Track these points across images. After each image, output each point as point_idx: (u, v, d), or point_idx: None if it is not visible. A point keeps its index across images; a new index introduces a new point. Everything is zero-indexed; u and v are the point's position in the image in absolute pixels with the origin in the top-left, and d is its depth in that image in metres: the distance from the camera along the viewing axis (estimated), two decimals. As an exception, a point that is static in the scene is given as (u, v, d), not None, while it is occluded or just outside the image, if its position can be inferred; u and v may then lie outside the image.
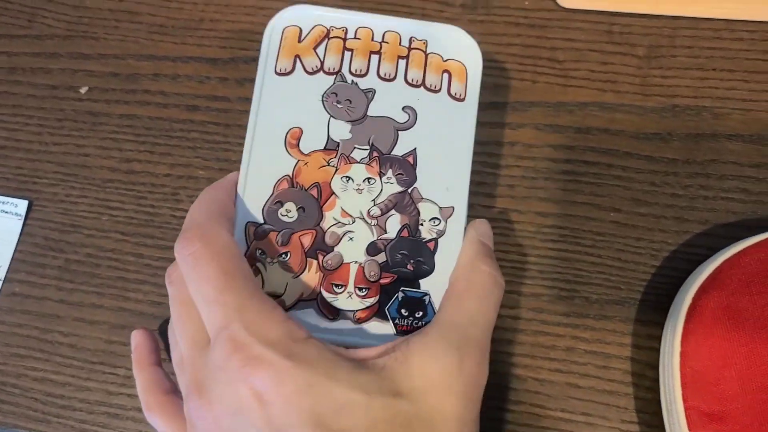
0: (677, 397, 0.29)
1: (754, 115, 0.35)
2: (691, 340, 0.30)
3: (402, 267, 0.27)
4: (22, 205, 0.35)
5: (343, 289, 0.26)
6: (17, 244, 0.35)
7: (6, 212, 0.35)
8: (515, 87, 0.36)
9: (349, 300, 0.26)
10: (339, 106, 0.28)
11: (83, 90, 0.38)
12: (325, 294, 0.26)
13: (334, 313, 0.26)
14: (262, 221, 0.27)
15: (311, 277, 0.26)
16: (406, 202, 0.27)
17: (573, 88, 0.37)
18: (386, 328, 0.26)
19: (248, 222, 0.27)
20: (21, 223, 0.35)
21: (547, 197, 0.35)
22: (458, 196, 0.27)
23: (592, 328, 0.33)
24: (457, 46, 0.29)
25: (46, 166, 0.36)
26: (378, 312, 0.26)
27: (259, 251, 0.26)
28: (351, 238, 0.27)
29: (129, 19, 0.39)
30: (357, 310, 0.26)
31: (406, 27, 0.29)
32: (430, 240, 0.27)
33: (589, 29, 0.38)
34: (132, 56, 0.38)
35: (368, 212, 0.27)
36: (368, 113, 0.28)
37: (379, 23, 0.29)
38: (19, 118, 0.37)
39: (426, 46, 0.29)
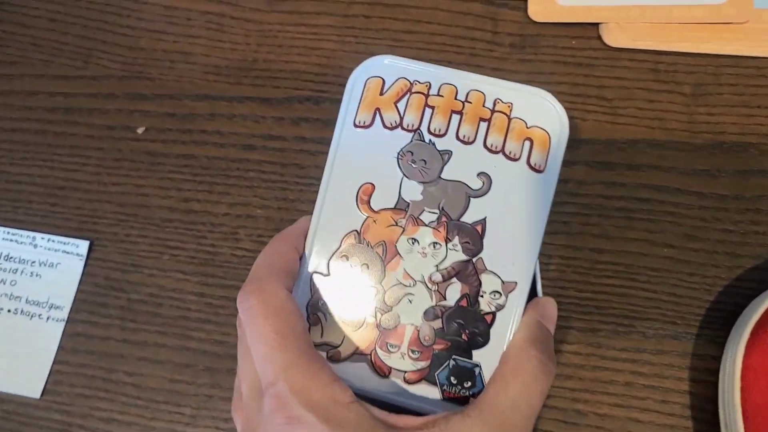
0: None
1: (799, 152, 0.36)
2: (750, 375, 0.31)
3: (457, 336, 0.27)
4: (83, 245, 0.36)
5: (396, 349, 0.27)
6: (79, 284, 0.35)
7: (68, 253, 0.35)
8: (565, 125, 0.37)
9: (401, 360, 0.27)
10: (414, 165, 0.27)
11: (140, 130, 0.38)
12: (379, 351, 0.27)
13: (386, 371, 0.27)
14: (327, 273, 0.27)
15: (368, 333, 0.27)
16: (468, 272, 0.27)
17: (622, 126, 0.37)
18: (434, 392, 0.26)
19: (314, 272, 0.27)
20: (83, 263, 0.35)
21: (601, 233, 0.35)
22: (523, 272, 0.27)
23: (650, 362, 0.33)
24: (544, 112, 0.28)
25: (106, 206, 0.37)
26: (428, 376, 0.26)
27: (322, 302, 0.27)
28: (410, 301, 0.27)
29: (183, 59, 0.40)
30: (408, 371, 0.26)
31: (493, 87, 0.28)
32: (488, 313, 0.27)
33: (635, 68, 0.39)
34: (188, 96, 0.39)
35: (430, 277, 0.27)
36: (442, 176, 0.27)
37: (466, 81, 0.28)
38: (77, 158, 0.38)
39: (510, 110, 0.28)
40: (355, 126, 0.28)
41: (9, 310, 0.34)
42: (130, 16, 0.41)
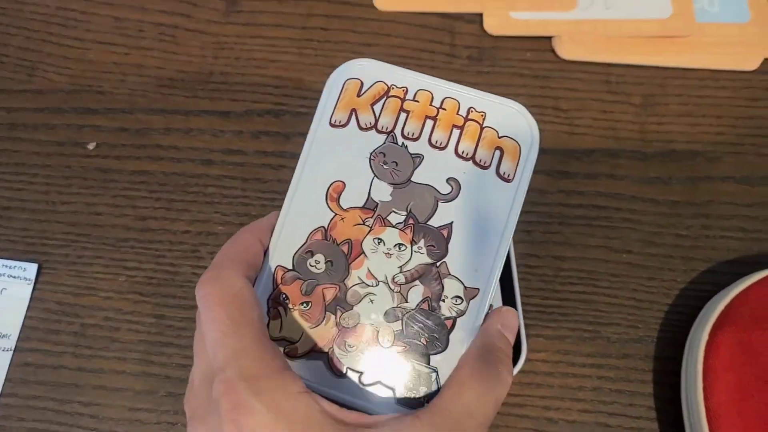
0: (705, 431, 0.31)
1: (743, 158, 0.38)
2: (710, 376, 0.32)
3: (415, 339, 0.27)
4: (30, 268, 0.34)
5: (354, 348, 0.26)
6: (27, 310, 0.33)
7: (14, 277, 0.33)
8: (524, 135, 0.38)
9: (358, 360, 0.26)
10: (385, 167, 0.28)
11: (91, 146, 0.36)
12: (337, 350, 0.26)
13: (342, 371, 0.26)
14: (291, 267, 0.27)
15: (327, 330, 0.26)
16: (432, 275, 0.27)
17: (578, 136, 0.38)
18: (388, 394, 0.26)
19: (278, 266, 0.27)
20: (31, 287, 0.33)
21: (563, 241, 0.36)
22: (486, 280, 0.27)
23: (616, 367, 0.34)
24: (516, 124, 0.28)
25: (55, 226, 0.35)
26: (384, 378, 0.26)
27: (283, 296, 0.27)
28: (372, 301, 0.27)
29: (136, 72, 0.38)
30: (364, 372, 0.26)
31: (468, 96, 0.28)
32: (449, 318, 0.27)
33: (588, 79, 0.40)
34: (141, 110, 0.37)
35: (393, 278, 0.27)
36: (412, 179, 0.28)
37: (442, 88, 0.29)
38: (23, 176, 0.36)
39: (483, 119, 0.28)
40: (331, 125, 0.28)
41: (-51, 341, 0.32)
42: (77, 28, 0.39)
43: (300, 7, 0.41)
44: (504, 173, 0.28)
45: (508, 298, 0.33)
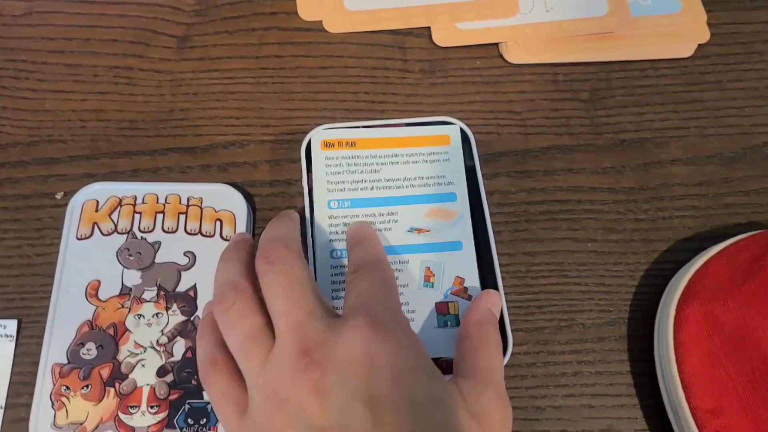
0: (682, 401, 0.33)
1: (688, 141, 0.41)
2: (681, 349, 0.34)
3: (187, 383, 0.32)
4: (11, 325, 0.33)
5: (137, 409, 0.31)
6: (13, 366, 0.33)
7: (-5, 336, 0.33)
8: (482, 140, 0.40)
9: (142, 417, 0.31)
10: (131, 258, 0.34)
11: (59, 195, 0.36)
12: (121, 415, 0.31)
13: (130, 431, 0.31)
14: (66, 361, 0.32)
15: (110, 402, 0.31)
16: (188, 329, 0.33)
17: (533, 135, 0.40)
18: None
19: (54, 363, 0.32)
20: (13, 344, 0.33)
21: (531, 237, 0.38)
22: None
23: (593, 350, 0.36)
24: (227, 199, 0.36)
25: (33, 279, 0.35)
26: (168, 424, 0.31)
27: (64, 387, 0.31)
28: (143, 365, 0.32)
29: (95, 117, 0.38)
30: (149, 425, 0.31)
31: (184, 189, 0.36)
32: None
33: (537, 80, 0.42)
34: (105, 155, 0.38)
35: (157, 341, 0.33)
36: (156, 260, 0.34)
37: (162, 188, 0.35)
38: (-7, 233, 0.35)
39: (201, 202, 0.35)
40: (78, 239, 0.34)
41: (-65, 408, 0.32)
42: (29, 78, 0.39)
43: (252, 37, 0.42)
44: (226, 236, 0.35)
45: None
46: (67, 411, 0.31)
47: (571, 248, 0.38)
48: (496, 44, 0.42)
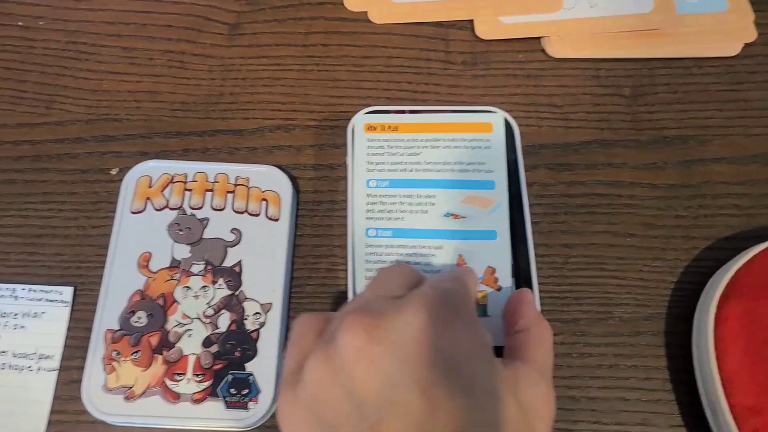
0: (720, 398, 0.33)
1: (731, 140, 0.40)
2: (721, 345, 0.34)
3: (231, 354, 0.33)
4: (67, 292, 0.35)
5: (183, 376, 0.33)
6: (68, 330, 0.34)
7: (51, 301, 0.35)
8: (524, 132, 0.40)
9: (188, 385, 0.32)
10: (181, 233, 0.35)
11: (114, 171, 0.38)
12: (168, 382, 0.32)
13: (176, 397, 0.32)
14: (118, 328, 0.33)
15: (157, 369, 0.33)
16: (233, 303, 0.34)
17: (574, 129, 0.40)
18: (219, 406, 0.32)
19: (107, 329, 0.33)
20: (68, 309, 0.35)
21: (569, 229, 0.38)
22: (277, 294, 0.34)
23: (629, 344, 0.36)
24: (273, 180, 0.37)
25: (87, 250, 0.36)
26: (212, 393, 0.32)
27: (115, 352, 0.33)
28: (190, 335, 0.33)
29: (149, 98, 0.40)
30: (194, 393, 0.32)
31: (233, 169, 0.37)
32: (254, 330, 0.34)
33: (579, 75, 0.42)
34: (158, 134, 0.39)
35: (204, 313, 0.34)
36: (203, 236, 0.36)
37: (212, 168, 0.37)
38: (52, 205, 0.37)
39: (249, 182, 0.37)
40: (132, 213, 0.36)
41: (-6, 367, 0.33)
42: (89, 60, 0.41)
43: (299, 26, 0.43)
44: (271, 216, 0.36)
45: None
46: (117, 375, 0.32)
47: (609, 242, 0.38)
48: (539, 38, 0.43)
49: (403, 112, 0.38)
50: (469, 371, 0.24)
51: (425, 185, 0.36)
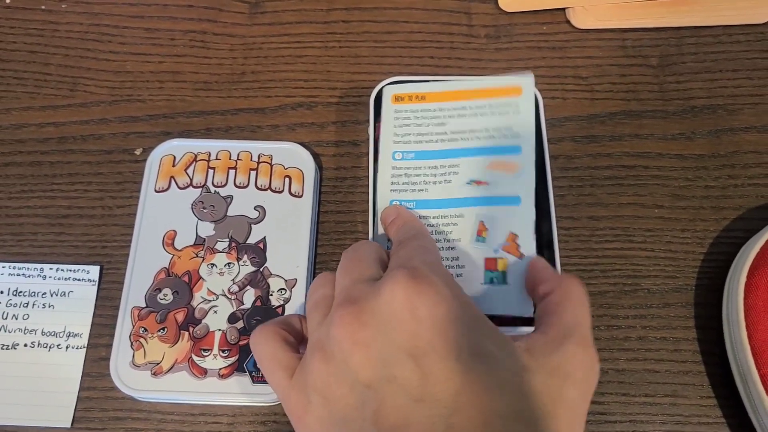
0: (751, 368, 0.32)
1: (762, 108, 0.39)
2: (752, 314, 0.33)
3: None
4: (94, 270, 0.35)
5: (209, 352, 0.33)
6: (95, 309, 0.35)
7: (79, 280, 0.35)
8: (548, 105, 0.39)
9: (214, 360, 0.33)
10: (205, 210, 0.36)
11: (138, 151, 0.38)
12: (195, 358, 0.33)
13: (203, 373, 0.32)
14: (144, 305, 0.34)
15: (184, 345, 0.33)
16: (258, 279, 0.34)
17: (600, 101, 0.40)
18: (245, 381, 0.32)
19: (133, 306, 0.34)
20: (95, 288, 0.35)
21: (596, 202, 0.38)
22: (300, 270, 0.35)
23: (658, 316, 0.35)
24: (296, 157, 0.37)
25: (113, 229, 0.37)
26: (238, 368, 0.33)
27: (142, 329, 0.33)
28: (215, 311, 0.34)
29: (172, 78, 0.40)
30: (221, 368, 0.33)
31: (255, 147, 0.37)
32: (279, 306, 0.34)
33: (604, 46, 0.41)
34: (181, 114, 0.39)
35: (229, 289, 0.34)
36: (227, 214, 0.36)
37: (235, 146, 0.37)
38: (77, 185, 0.38)
39: (271, 159, 0.37)
40: (156, 191, 0.36)
41: (26, 345, 0.34)
42: (111, 42, 0.41)
43: (320, 3, 0.43)
44: (295, 192, 0.36)
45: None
46: (144, 351, 0.33)
47: (637, 214, 0.37)
48: (563, 9, 0.42)
49: (426, 81, 0.38)
50: (454, 333, 0.24)
51: (450, 155, 0.35)
